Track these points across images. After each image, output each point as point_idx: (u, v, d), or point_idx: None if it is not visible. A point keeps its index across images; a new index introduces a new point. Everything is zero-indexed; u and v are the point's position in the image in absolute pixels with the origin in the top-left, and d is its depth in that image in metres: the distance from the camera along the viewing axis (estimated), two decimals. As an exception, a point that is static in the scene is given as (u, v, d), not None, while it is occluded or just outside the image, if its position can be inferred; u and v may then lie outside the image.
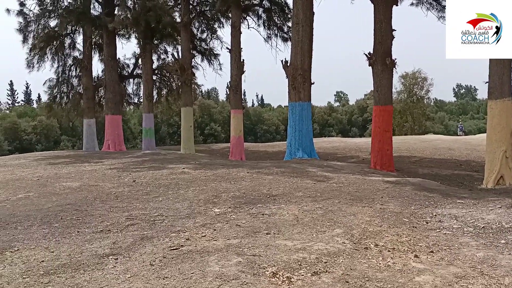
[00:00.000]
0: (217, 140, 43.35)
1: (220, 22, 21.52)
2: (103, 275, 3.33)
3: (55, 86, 21.92)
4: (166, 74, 24.61)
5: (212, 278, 3.14)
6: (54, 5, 19.70)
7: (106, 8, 19.71)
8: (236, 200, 6.14)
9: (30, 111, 44.63)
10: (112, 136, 19.99)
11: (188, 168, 9.99)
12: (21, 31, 19.65)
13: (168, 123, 44.07)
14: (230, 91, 18.12)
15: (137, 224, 4.86)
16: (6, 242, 4.25)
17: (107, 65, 20.29)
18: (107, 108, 20.46)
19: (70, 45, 21.58)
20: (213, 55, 22.78)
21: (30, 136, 36.74)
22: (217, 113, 48.65)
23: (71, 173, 9.47)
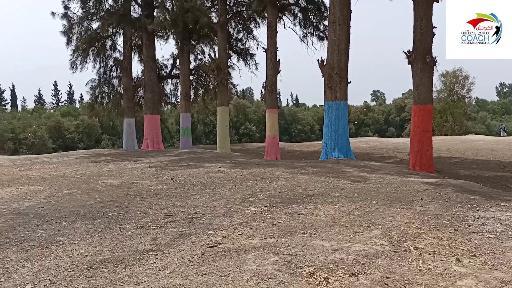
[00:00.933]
0: (251, 140, 43.51)
1: (256, 22, 21.64)
2: (143, 271, 3.43)
3: (96, 87, 22.69)
4: (202, 74, 24.96)
5: (250, 277, 3.17)
6: (96, 8, 20.39)
7: (146, 10, 20.20)
8: (272, 200, 6.16)
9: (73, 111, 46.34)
10: (151, 135, 20.46)
11: (224, 167, 10.10)
12: (65, 33, 20.45)
13: (204, 123, 44.64)
14: (266, 91, 18.16)
15: (175, 221, 4.97)
16: (52, 236, 4.44)
17: (147, 66, 20.79)
18: (146, 108, 20.96)
19: (111, 46, 22.27)
20: (249, 55, 22.92)
21: (73, 135, 38.14)
22: (252, 112, 48.81)
23: (112, 170, 9.77)
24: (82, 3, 20.04)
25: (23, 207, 5.88)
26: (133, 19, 20.43)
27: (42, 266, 3.57)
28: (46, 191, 7.17)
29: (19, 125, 33.94)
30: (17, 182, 8.37)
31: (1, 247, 4.08)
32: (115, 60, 22.47)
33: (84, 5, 20.15)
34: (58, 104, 71.68)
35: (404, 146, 20.90)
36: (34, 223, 4.94)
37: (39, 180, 8.52)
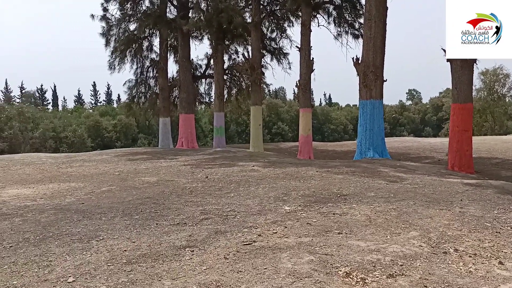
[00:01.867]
0: (284, 139, 43.43)
1: (289, 21, 21.58)
2: (180, 266, 3.49)
3: (134, 87, 23.24)
4: (236, 74, 25.10)
5: (285, 275, 3.17)
6: (134, 10, 20.89)
7: (181, 11, 20.53)
8: (306, 199, 6.14)
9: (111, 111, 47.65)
10: (186, 134, 20.78)
11: (258, 166, 10.13)
12: (104, 35, 21.06)
13: (237, 122, 44.89)
14: (299, 90, 18.08)
15: (211, 219, 5.03)
16: (92, 231, 4.59)
17: (182, 66, 21.12)
18: (181, 107, 21.30)
19: (148, 47, 22.75)
20: (282, 54, 22.87)
21: (111, 134, 39.24)
22: (284, 112, 48.68)
23: (149, 168, 10.00)
24: (120, 5, 20.57)
25: (65, 203, 6.11)
26: (169, 20, 20.79)
27: (83, 260, 3.69)
28: (86, 188, 7.42)
29: (60, 124, 35.24)
30: (58, 179, 8.70)
31: (44, 241, 4.24)
32: (152, 60, 22.95)
33: (122, 7, 20.68)
34: (96, 104, 74.01)
35: (442, 146, 20.32)
36: (75, 218, 5.12)
37: (80, 177, 8.83)
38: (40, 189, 7.42)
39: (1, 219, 5.17)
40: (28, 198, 6.52)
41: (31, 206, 5.88)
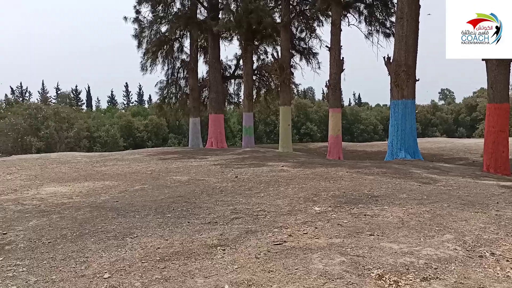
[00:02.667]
0: (312, 140, 43.15)
1: (319, 21, 21.46)
2: (212, 264, 3.54)
3: (165, 88, 23.66)
4: (265, 74, 25.16)
5: (317, 276, 3.17)
6: (165, 12, 21.25)
7: (211, 12, 20.74)
8: (336, 199, 6.09)
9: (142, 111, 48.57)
10: (215, 134, 20.98)
11: (287, 166, 10.13)
12: (136, 36, 21.51)
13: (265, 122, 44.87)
14: (329, 90, 17.94)
15: (241, 218, 5.07)
16: (126, 229, 4.71)
17: (211, 67, 21.34)
18: (211, 108, 21.52)
19: (179, 48, 23.11)
20: (311, 54, 22.78)
21: (142, 134, 40.00)
22: (313, 112, 48.30)
23: (180, 167, 10.16)
24: (152, 7, 20.97)
25: (100, 201, 6.29)
26: (199, 21, 21.05)
27: (118, 256, 3.79)
28: (120, 186, 7.61)
29: (94, 124, 36.20)
30: (93, 177, 8.95)
31: (81, 238, 4.38)
32: (182, 61, 23.29)
33: (154, 9, 21.06)
34: (128, 104, 75.71)
35: (476, 147, 19.75)
36: (110, 216, 5.26)
37: (113, 176, 9.06)
38: (76, 187, 7.67)
39: (39, 215, 5.36)
40: (65, 196, 6.74)
41: (68, 204, 6.08)
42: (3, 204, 6.12)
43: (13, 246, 4.12)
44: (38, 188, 7.56)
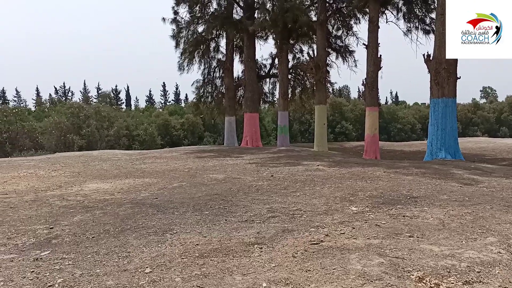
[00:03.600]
0: (348, 139, 42.59)
1: (356, 18, 21.15)
2: (250, 262, 3.58)
3: (201, 87, 24.00)
4: (300, 73, 25.06)
5: (355, 276, 3.15)
6: (202, 12, 21.55)
7: (247, 12, 20.86)
8: (373, 200, 6.01)
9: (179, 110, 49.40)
10: (250, 132, 21.09)
11: (323, 165, 10.07)
12: (174, 37, 21.92)
13: (300, 121, 44.68)
14: (366, 88, 17.65)
15: (277, 217, 5.09)
16: (166, 225, 4.82)
17: (247, 66, 21.47)
18: (246, 106, 21.65)
19: (215, 48, 23.39)
20: (348, 52, 22.49)
21: (179, 132, 40.70)
22: (348, 111, 47.62)
23: (216, 166, 10.29)
24: (189, 8, 21.31)
25: (140, 197, 6.47)
26: (235, 21, 21.20)
27: (158, 252, 3.90)
28: (159, 183, 7.80)
29: (133, 123, 37.20)
30: (133, 174, 9.21)
31: (123, 233, 4.53)
32: (218, 61, 23.55)
33: (191, 10, 21.39)
34: (166, 103, 77.32)
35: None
36: (150, 212, 5.41)
37: (152, 173, 9.29)
38: (117, 184, 7.92)
39: (83, 211, 5.58)
40: (107, 192, 6.98)
41: (110, 200, 6.29)
42: (49, 199, 6.41)
43: (59, 240, 4.31)
44: (81, 185, 7.86)
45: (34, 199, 6.44)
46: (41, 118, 35.17)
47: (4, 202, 6.26)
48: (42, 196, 6.75)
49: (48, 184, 7.98)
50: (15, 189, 7.52)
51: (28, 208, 5.79)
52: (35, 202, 6.20)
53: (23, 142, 27.52)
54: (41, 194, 6.90)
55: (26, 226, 4.85)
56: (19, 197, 6.68)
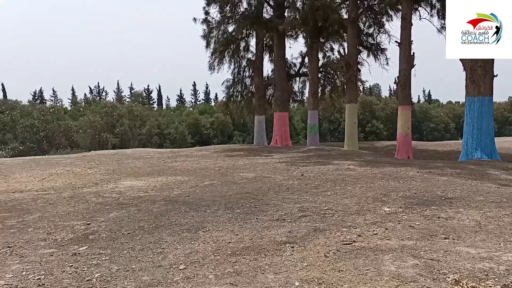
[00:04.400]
0: (378, 138, 41.89)
1: (388, 15, 20.77)
2: (281, 261, 3.59)
3: (231, 86, 24.16)
4: (330, 72, 24.84)
5: (389, 278, 3.11)
6: (232, 12, 21.68)
7: (277, 11, 20.84)
8: (406, 200, 5.91)
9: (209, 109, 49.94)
10: (280, 131, 21.08)
11: (354, 165, 9.96)
12: (205, 37, 22.15)
13: (329, 120, 44.29)
14: (398, 86, 17.32)
15: (309, 216, 5.08)
16: (199, 222, 4.90)
17: (277, 65, 21.46)
18: (275, 106, 21.64)
19: (245, 47, 23.48)
20: (379, 50, 22.12)
21: (208, 131, 41.15)
22: (379, 110, 46.82)
23: (246, 164, 10.35)
24: (220, 8, 21.48)
25: (173, 195, 6.59)
26: (265, 20, 21.24)
27: (192, 249, 3.97)
28: (190, 181, 7.92)
29: (164, 121, 37.88)
30: (165, 172, 9.39)
31: (157, 230, 4.63)
32: (248, 60, 23.64)
33: (222, 10, 21.56)
34: (196, 102, 78.31)
35: None
36: (183, 210, 5.50)
37: (184, 171, 9.44)
38: (151, 181, 8.09)
39: (119, 208, 5.73)
40: (141, 190, 7.14)
41: (144, 197, 6.44)
42: (86, 196, 6.61)
43: (96, 236, 4.45)
44: (116, 182, 8.08)
45: (71, 196, 6.66)
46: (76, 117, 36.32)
47: (43, 198, 6.51)
48: (79, 192, 6.97)
49: (85, 181, 8.24)
50: (53, 186, 7.80)
51: (66, 204, 6.00)
52: (72, 199, 6.41)
53: (59, 141, 28.47)
54: (78, 191, 7.13)
55: (64, 222, 5.03)
56: (57, 193, 6.93)
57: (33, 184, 7.99)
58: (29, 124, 27.76)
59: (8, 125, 28.70)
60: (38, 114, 28.96)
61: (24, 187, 7.70)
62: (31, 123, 27.85)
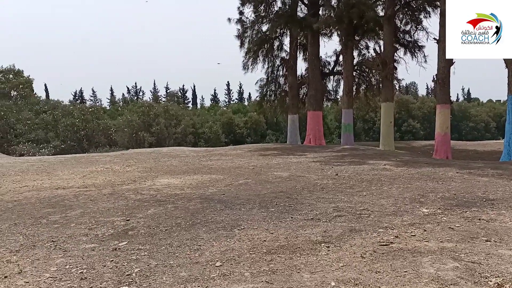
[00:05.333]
0: (415, 138, 40.96)
1: (426, 12, 20.23)
2: (317, 261, 3.58)
3: (265, 85, 24.17)
4: (365, 70, 24.45)
5: (428, 280, 3.05)
6: (266, 11, 21.70)
7: (311, 10, 20.71)
8: (445, 202, 5.76)
9: (242, 108, 50.26)
10: (313, 131, 20.95)
11: (390, 165, 9.79)
12: (239, 37, 22.27)
13: (364, 119, 43.67)
14: (436, 85, 16.86)
15: (344, 216, 5.04)
16: (234, 220, 4.95)
17: (311, 64, 21.33)
18: (309, 105, 21.52)
19: (278, 47, 23.41)
20: (417, 47, 21.57)
21: (242, 130, 41.44)
22: (416, 109, 45.73)
23: (280, 164, 10.36)
24: (254, 7, 21.54)
25: (208, 193, 6.69)
26: (299, 19, 21.14)
27: (228, 246, 4.02)
28: (225, 180, 8.01)
29: (198, 121, 38.44)
30: (201, 171, 9.53)
31: (193, 227, 4.72)
32: (282, 59, 23.58)
33: (256, 9, 21.61)
34: (230, 102, 78.88)
35: None
36: (218, 208, 5.58)
37: (219, 170, 9.55)
38: (186, 179, 8.23)
39: (156, 205, 5.87)
40: (177, 188, 7.28)
41: (180, 195, 6.56)
42: (125, 193, 6.81)
43: (135, 232, 4.57)
44: (153, 180, 8.27)
45: (111, 193, 6.88)
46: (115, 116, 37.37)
47: (85, 195, 6.75)
48: (118, 189, 7.19)
49: (123, 179, 8.48)
50: (94, 183, 8.07)
51: (106, 201, 6.20)
52: (112, 195, 6.62)
53: (98, 139, 29.41)
54: (117, 188, 7.35)
55: (105, 218, 5.20)
56: (98, 190, 7.17)
57: (75, 181, 8.29)
58: (70, 123, 28.79)
59: (50, 124, 29.86)
60: (78, 113, 29.99)
61: (66, 184, 8.00)
62: (72, 122, 28.88)
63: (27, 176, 9.22)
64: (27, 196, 6.77)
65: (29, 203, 6.21)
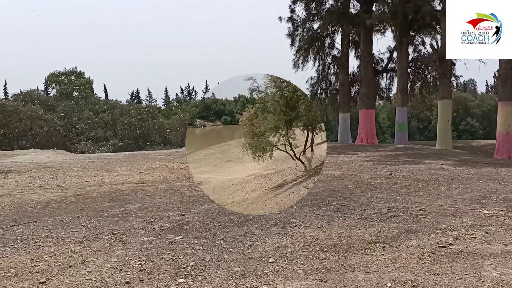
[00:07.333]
0: (473, 137, 38.93)
1: (488, 4, 19.17)
2: (372, 261, 3.52)
3: (315, 84, 23.91)
4: (420, 66, 23.53)
5: (491, 284, 2.91)
6: (318, 9, 21.46)
7: (364, 6, 20.26)
8: (508, 203, 5.47)
9: (292, 106, 50.06)
10: (365, 129, 20.49)
11: (447, 165, 9.42)
12: (290, 35, 22.17)
13: (418, 118, 42.06)
14: (498, 81, 15.93)
15: (399, 216, 4.91)
16: (286, 218, 4.97)
17: (363, 61, 20.86)
18: (361, 103, 21.06)
19: (330, 44, 23.08)
20: (477, 42, 20.49)
21: (292, 129, 41.33)
22: (474, 107, 43.43)
23: (331, 162, 10.23)
24: (305, 5, 21.38)
25: (260, 191, 6.75)
26: (352, 15, 20.73)
27: (280, 243, 4.04)
28: (276, 178, 8.04)
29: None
30: (252, 169, 9.61)
31: (246, 223, 4.78)
32: (333, 57, 23.23)
33: (308, 7, 21.43)
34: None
35: None
36: (270, 205, 5.62)
37: (269, 168, 9.59)
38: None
39: (210, 201, 6.01)
40: (229, 185, 7.41)
41: (232, 192, 6.67)
42: (179, 189, 7.02)
43: (190, 227, 4.71)
44: (206, 177, 8.46)
45: (167, 188, 7.11)
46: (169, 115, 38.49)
47: (142, 190, 7.03)
48: (174, 185, 7.42)
49: (178, 175, 8.74)
50: (151, 179, 8.39)
51: (163, 196, 6.42)
52: (168, 191, 6.84)
53: (153, 138, 30.41)
54: (172, 184, 7.59)
55: (161, 212, 5.39)
56: (154, 186, 7.44)
57: (133, 177, 8.65)
58: (127, 122, 29.98)
59: (109, 123, 31.24)
60: (135, 113, 31.16)
61: (125, 179, 8.37)
62: (129, 121, 30.05)
63: (88, 172, 9.73)
64: (89, 190, 7.15)
65: (91, 197, 6.56)
